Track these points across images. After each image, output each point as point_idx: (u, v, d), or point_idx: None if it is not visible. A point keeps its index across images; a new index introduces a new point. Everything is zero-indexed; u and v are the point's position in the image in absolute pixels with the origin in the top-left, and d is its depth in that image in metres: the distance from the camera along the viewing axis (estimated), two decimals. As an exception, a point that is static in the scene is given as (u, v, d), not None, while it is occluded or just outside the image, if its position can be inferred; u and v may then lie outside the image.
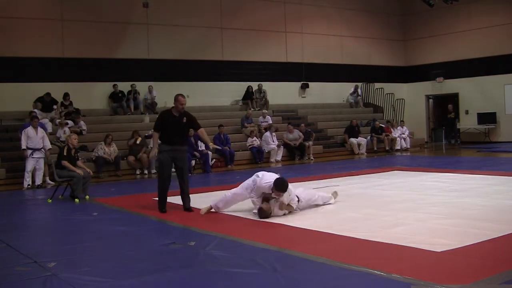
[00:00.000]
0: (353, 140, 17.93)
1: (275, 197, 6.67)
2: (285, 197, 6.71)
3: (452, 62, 21.75)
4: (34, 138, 11.54)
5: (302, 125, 17.54)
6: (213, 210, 7.25)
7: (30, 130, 11.59)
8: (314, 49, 20.96)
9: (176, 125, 7.49)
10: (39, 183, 11.69)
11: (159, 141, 7.72)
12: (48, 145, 11.79)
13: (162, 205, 7.52)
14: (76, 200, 9.15)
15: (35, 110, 13.75)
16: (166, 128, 7.52)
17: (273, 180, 6.67)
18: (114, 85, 16.57)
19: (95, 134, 14.89)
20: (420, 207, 7.10)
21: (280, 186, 6.63)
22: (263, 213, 6.64)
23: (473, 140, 21.11)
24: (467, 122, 21.46)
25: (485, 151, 17.47)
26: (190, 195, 7.61)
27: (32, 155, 11.52)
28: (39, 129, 11.72)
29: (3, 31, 15.08)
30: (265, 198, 6.72)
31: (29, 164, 11.54)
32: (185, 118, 7.55)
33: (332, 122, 19.87)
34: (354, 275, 4.22)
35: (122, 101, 16.66)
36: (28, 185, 11.52)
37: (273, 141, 16.38)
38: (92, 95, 16.51)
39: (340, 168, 13.40)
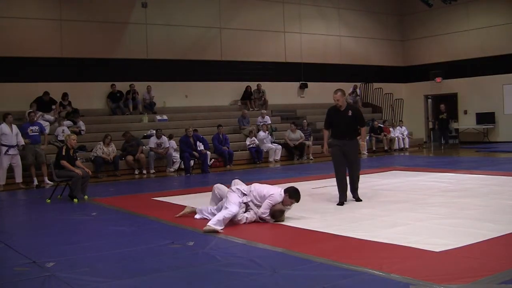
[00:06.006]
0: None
1: (286, 207, 6.54)
2: (292, 207, 6.67)
3: (450, 62, 21.77)
4: (9, 135, 11.51)
5: (305, 121, 17.61)
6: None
7: (4, 127, 11.53)
8: (312, 49, 20.97)
9: (341, 119, 7.66)
10: (19, 181, 11.70)
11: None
12: (21, 141, 11.74)
13: (341, 198, 7.65)
14: (75, 200, 9.14)
15: (31, 110, 13.69)
16: (332, 123, 7.81)
17: (285, 189, 6.54)
18: (112, 85, 16.57)
19: (94, 134, 14.89)
20: (419, 207, 7.11)
21: (296, 194, 6.54)
22: (280, 213, 6.47)
23: (472, 140, 21.15)
24: (466, 122, 21.49)
25: (484, 151, 17.49)
26: (190, 195, 7.59)
27: (8, 152, 11.50)
28: (14, 126, 11.69)
29: (2, 31, 15.08)
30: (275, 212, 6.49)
31: (4, 161, 11.51)
32: (350, 112, 7.70)
33: (331, 122, 19.84)
34: (353, 275, 4.22)
35: (121, 101, 16.66)
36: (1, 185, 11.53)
37: (270, 141, 16.42)
38: (91, 95, 16.50)
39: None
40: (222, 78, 18.82)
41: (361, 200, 7.77)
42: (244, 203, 6.51)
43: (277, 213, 6.44)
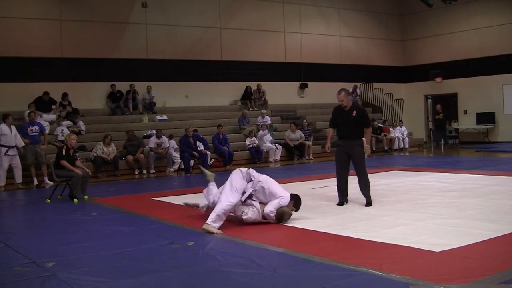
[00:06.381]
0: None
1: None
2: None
3: (450, 62, 21.78)
4: (8, 135, 11.50)
5: (305, 121, 17.62)
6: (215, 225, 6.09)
7: (4, 127, 11.52)
8: (312, 49, 20.98)
9: (345, 119, 7.56)
10: (18, 182, 11.69)
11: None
12: (21, 143, 11.73)
13: (340, 198, 7.64)
14: (75, 200, 9.14)
15: (30, 110, 13.68)
16: (337, 123, 7.76)
17: (291, 195, 6.45)
18: (112, 85, 16.57)
19: (94, 134, 14.90)
20: (419, 207, 7.11)
21: (299, 204, 6.55)
22: (288, 216, 6.43)
23: (472, 140, 21.15)
24: (466, 122, 21.49)
25: (483, 151, 17.49)
26: (190, 195, 7.56)
27: (7, 152, 11.49)
28: (13, 127, 11.69)
29: (2, 31, 15.08)
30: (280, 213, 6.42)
31: (5, 162, 11.50)
32: (355, 112, 7.54)
33: (331, 122, 19.84)
34: (353, 275, 4.22)
35: (121, 101, 16.66)
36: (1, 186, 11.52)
37: (269, 140, 16.42)
38: (90, 95, 16.50)
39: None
40: (222, 78, 18.81)
41: (371, 205, 7.39)
42: (243, 201, 6.36)
43: (285, 216, 6.36)
